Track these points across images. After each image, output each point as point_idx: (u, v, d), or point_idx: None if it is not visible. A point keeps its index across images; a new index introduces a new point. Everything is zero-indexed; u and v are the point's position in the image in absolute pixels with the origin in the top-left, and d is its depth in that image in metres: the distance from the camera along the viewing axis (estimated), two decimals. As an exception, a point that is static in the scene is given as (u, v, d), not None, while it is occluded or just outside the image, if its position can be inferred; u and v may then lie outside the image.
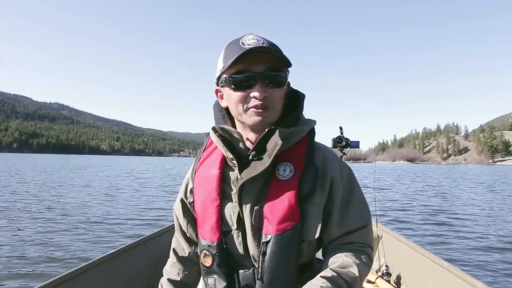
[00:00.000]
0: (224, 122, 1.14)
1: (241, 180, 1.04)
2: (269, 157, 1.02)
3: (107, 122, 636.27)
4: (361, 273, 0.99)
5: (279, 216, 1.00)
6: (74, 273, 2.19)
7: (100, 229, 7.67)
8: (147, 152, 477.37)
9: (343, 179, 1.09)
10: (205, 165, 1.17)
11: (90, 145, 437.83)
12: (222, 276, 1.06)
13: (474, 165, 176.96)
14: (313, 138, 1.13)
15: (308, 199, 1.03)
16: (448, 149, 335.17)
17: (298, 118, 1.11)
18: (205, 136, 1.24)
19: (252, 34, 1.04)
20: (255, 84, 1.00)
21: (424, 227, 8.78)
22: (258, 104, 1.00)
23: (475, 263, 5.87)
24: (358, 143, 3.24)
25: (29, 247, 6.10)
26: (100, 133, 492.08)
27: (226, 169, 1.12)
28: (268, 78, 1.01)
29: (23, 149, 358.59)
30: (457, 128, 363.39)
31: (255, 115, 1.01)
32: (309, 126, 1.12)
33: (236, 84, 1.01)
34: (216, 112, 1.18)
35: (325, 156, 1.11)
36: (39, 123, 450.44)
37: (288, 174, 1.04)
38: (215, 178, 1.10)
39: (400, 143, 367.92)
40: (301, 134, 1.09)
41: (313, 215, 1.03)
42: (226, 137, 1.08)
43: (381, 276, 3.27)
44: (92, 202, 12.05)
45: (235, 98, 1.03)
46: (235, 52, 0.99)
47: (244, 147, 1.08)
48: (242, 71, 1.00)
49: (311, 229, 1.02)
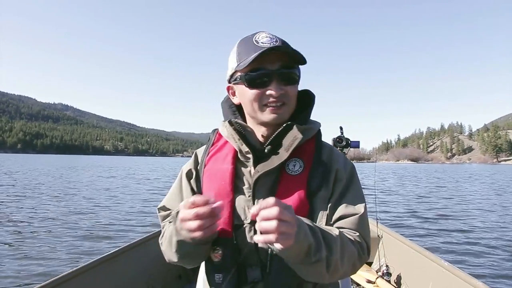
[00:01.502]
0: (235, 118, 1.15)
1: (257, 173, 1.05)
2: (287, 151, 1.05)
3: (111, 123, 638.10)
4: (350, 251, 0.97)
5: None
6: (74, 273, 2.20)
7: (105, 230, 7.71)
8: (150, 153, 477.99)
9: (346, 172, 1.11)
10: (215, 160, 1.16)
11: (94, 145, 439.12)
12: (230, 272, 1.05)
13: (479, 165, 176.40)
14: (321, 136, 1.17)
15: (316, 194, 1.05)
16: (452, 148, 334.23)
17: (309, 117, 1.15)
18: (211, 132, 1.25)
19: (264, 32, 1.05)
20: (271, 82, 1.01)
21: (426, 228, 8.76)
22: (275, 101, 1.03)
23: (476, 263, 5.85)
24: (358, 143, 3.24)
25: (31, 247, 6.13)
26: (103, 133, 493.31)
27: (238, 164, 1.12)
28: (283, 76, 1.02)
29: (27, 150, 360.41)
30: (461, 127, 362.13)
31: (271, 112, 1.04)
32: (318, 126, 1.16)
33: (251, 82, 1.03)
34: (226, 108, 1.20)
35: (331, 152, 1.14)
36: (43, 124, 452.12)
37: (298, 169, 1.06)
38: (228, 172, 1.10)
39: (404, 143, 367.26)
40: (313, 132, 1.13)
41: (319, 209, 1.05)
42: (241, 131, 1.10)
43: (382, 276, 3.27)
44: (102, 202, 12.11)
45: (250, 96, 1.04)
46: (250, 50, 1.01)
47: (258, 141, 1.10)
48: (257, 69, 1.01)
49: (318, 223, 1.04)
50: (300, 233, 0.82)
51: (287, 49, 1.00)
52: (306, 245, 0.84)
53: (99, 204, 11.58)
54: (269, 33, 1.05)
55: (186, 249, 0.99)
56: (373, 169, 53.20)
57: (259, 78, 1.02)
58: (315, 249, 0.86)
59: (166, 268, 3.07)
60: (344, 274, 0.99)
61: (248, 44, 1.04)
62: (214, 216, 0.84)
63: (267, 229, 0.76)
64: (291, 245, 0.80)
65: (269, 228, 0.76)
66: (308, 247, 0.85)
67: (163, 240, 1.10)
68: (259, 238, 0.78)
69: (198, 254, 1.04)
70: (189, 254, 1.02)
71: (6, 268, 5.06)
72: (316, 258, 0.87)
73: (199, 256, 1.06)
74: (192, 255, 1.03)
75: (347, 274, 1.02)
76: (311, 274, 0.93)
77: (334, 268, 0.92)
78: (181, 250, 1.00)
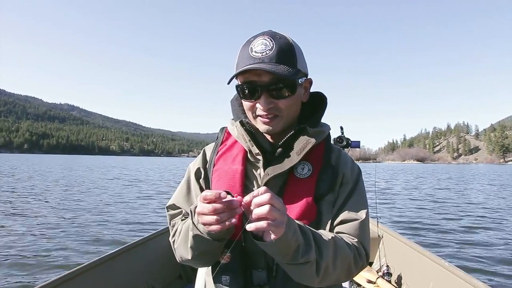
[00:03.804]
0: (245, 117, 1.14)
1: (267, 176, 1.05)
2: (298, 155, 1.04)
3: (117, 123, 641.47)
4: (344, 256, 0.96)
5: (297, 213, 1.01)
6: (74, 273, 2.19)
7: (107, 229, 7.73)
8: (156, 153, 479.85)
9: (352, 176, 1.11)
10: (225, 159, 1.15)
11: (100, 145, 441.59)
12: (237, 274, 1.04)
13: (485, 165, 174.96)
14: (330, 140, 1.16)
15: (324, 198, 1.05)
16: (458, 148, 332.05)
17: (321, 120, 1.14)
18: (220, 130, 1.24)
19: (264, 36, 1.02)
20: (260, 96, 1.00)
21: (428, 229, 8.71)
22: (266, 114, 1.02)
23: (477, 263, 5.83)
24: (358, 143, 3.23)
25: (33, 246, 6.17)
26: (109, 133, 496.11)
27: (248, 165, 1.12)
28: (273, 90, 1.00)
29: (33, 150, 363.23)
30: (467, 127, 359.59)
31: (263, 124, 1.04)
32: (328, 128, 1.15)
33: (242, 94, 1.04)
34: (236, 106, 1.19)
35: (339, 156, 1.14)
36: (49, 124, 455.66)
37: (307, 173, 1.06)
38: (238, 173, 1.10)
39: (410, 143, 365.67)
40: (323, 135, 1.12)
41: (327, 213, 1.06)
42: (252, 131, 1.09)
43: (382, 276, 3.26)
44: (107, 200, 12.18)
45: (245, 105, 1.07)
46: (244, 59, 1.00)
47: (268, 143, 1.10)
48: (247, 82, 1.01)
49: (325, 226, 1.04)
50: (290, 226, 0.83)
51: (265, 68, 0.96)
52: (294, 243, 0.85)
53: (101, 204, 11.60)
54: (268, 38, 1.00)
55: (202, 245, 0.97)
56: (376, 168, 53.11)
57: (248, 91, 1.02)
58: (303, 250, 0.86)
59: (166, 268, 3.06)
60: (337, 280, 0.99)
61: (245, 51, 1.02)
62: (232, 209, 0.82)
63: (259, 214, 0.77)
64: (281, 237, 0.80)
65: (262, 213, 0.76)
66: (297, 246, 0.85)
67: (176, 237, 1.09)
68: (251, 225, 0.78)
69: (212, 252, 1.02)
70: (204, 251, 1.00)
71: (6, 269, 5.08)
72: (305, 259, 0.87)
73: (213, 254, 1.03)
74: (206, 252, 1.01)
75: (341, 280, 1.01)
76: (300, 276, 0.92)
77: (325, 272, 0.91)
78: (197, 245, 0.98)
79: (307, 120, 1.11)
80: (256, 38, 1.02)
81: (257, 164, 1.10)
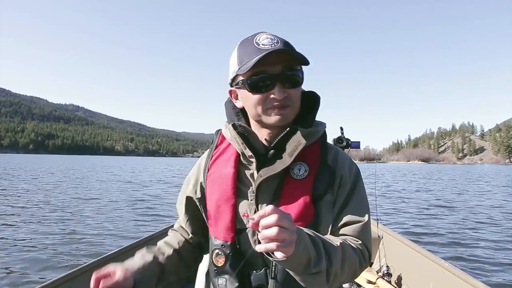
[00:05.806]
0: (238, 120, 1.14)
1: (260, 178, 1.04)
2: (290, 156, 1.03)
3: (121, 123, 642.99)
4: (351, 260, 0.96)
5: (294, 214, 0.99)
6: (74, 273, 2.19)
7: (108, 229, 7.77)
8: (161, 153, 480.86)
9: (351, 177, 1.10)
10: (218, 163, 1.16)
11: (105, 146, 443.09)
12: (234, 276, 1.05)
13: (491, 165, 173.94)
14: (326, 139, 1.15)
15: (322, 198, 1.04)
16: (463, 149, 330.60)
17: (314, 119, 1.13)
18: (215, 133, 1.24)
19: (265, 32, 1.03)
20: (274, 86, 0.99)
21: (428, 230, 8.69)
22: (279, 104, 1.01)
23: (477, 262, 5.80)
24: (358, 144, 3.23)
25: (35, 246, 6.20)
26: (114, 134, 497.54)
27: (241, 167, 1.12)
28: (286, 79, 1.00)
29: (39, 150, 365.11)
30: (472, 127, 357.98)
31: (275, 114, 1.02)
32: (323, 127, 1.14)
33: (254, 87, 1.01)
34: (229, 110, 1.18)
35: (337, 155, 1.12)
36: (54, 124, 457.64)
37: (303, 174, 1.05)
38: (230, 176, 1.10)
39: (414, 143, 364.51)
40: (317, 135, 1.11)
41: (325, 213, 1.05)
42: (245, 134, 1.08)
43: (382, 276, 3.25)
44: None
45: (253, 100, 1.03)
46: (251, 53, 0.99)
47: (261, 145, 1.09)
48: (258, 73, 0.99)
49: (324, 227, 1.04)
50: (300, 242, 0.81)
51: (289, 51, 0.97)
52: (305, 257, 0.83)
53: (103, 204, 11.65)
54: (270, 34, 1.03)
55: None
56: (379, 169, 52.96)
57: (261, 82, 1.00)
58: (315, 262, 0.85)
59: None
60: (344, 281, 1.00)
61: (248, 46, 1.02)
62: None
63: (268, 236, 0.75)
64: (292, 254, 0.78)
65: (270, 235, 0.75)
66: (308, 259, 0.84)
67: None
68: (260, 247, 0.76)
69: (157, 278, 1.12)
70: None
71: (6, 269, 5.09)
72: (316, 270, 0.86)
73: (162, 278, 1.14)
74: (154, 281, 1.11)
75: (346, 281, 1.02)
76: (311, 284, 0.91)
77: (334, 277, 0.92)
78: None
79: (302, 119, 1.10)
80: (256, 35, 1.03)
81: (250, 167, 1.10)
